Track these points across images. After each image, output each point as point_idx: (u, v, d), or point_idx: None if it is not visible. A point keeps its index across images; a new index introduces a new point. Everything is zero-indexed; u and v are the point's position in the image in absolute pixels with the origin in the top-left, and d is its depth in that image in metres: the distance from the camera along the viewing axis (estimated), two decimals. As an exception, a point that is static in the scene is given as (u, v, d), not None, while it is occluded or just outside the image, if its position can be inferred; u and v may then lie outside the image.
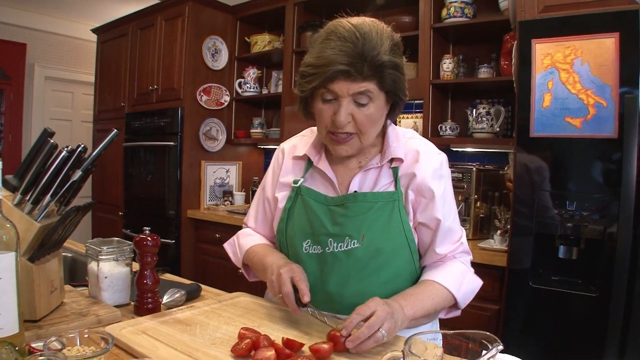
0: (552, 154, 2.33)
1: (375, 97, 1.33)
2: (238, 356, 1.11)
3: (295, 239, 1.50)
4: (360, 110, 1.33)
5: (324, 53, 1.28)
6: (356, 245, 1.42)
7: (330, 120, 1.35)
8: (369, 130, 1.37)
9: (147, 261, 1.45)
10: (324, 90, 1.32)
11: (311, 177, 1.55)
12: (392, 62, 1.31)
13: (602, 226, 2.21)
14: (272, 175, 1.66)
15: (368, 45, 1.26)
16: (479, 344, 0.88)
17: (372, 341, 1.14)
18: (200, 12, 4.52)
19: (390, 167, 1.48)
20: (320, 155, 1.54)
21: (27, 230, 1.23)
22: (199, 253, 4.53)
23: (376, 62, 1.27)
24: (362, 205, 1.43)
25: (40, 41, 6.17)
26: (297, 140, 1.66)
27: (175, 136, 4.48)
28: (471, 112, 3.42)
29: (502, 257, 2.58)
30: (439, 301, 1.39)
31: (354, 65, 1.26)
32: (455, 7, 3.30)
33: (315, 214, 1.47)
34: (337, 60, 1.26)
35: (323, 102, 1.35)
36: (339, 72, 1.26)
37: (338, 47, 1.26)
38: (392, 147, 1.47)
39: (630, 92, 2.12)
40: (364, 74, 1.27)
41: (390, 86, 1.34)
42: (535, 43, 2.33)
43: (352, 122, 1.34)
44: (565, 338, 2.29)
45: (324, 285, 1.45)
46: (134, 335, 1.23)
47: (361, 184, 1.48)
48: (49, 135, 1.31)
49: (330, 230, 1.44)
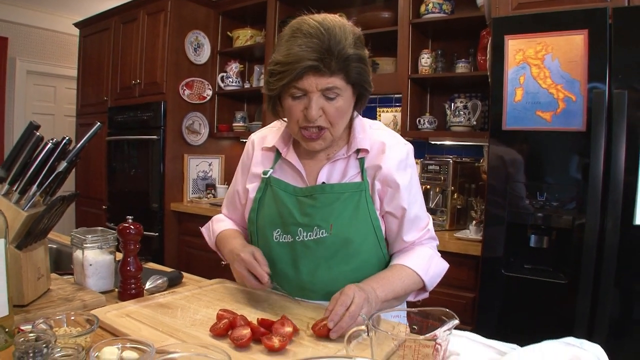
0: (524, 147, 2.40)
1: (343, 91, 1.36)
2: (216, 335, 1.17)
3: (266, 229, 1.54)
4: (330, 104, 1.36)
5: (292, 50, 1.31)
6: (325, 234, 1.46)
7: (301, 116, 1.38)
8: (339, 122, 1.41)
9: (130, 249, 1.51)
10: (293, 87, 1.35)
11: (280, 168, 1.58)
12: (357, 54, 1.35)
13: (571, 216, 2.30)
14: (242, 167, 1.72)
15: (333, 40, 1.30)
16: (438, 320, 0.95)
17: (353, 325, 1.18)
18: (183, 6, 4.55)
19: (357, 158, 1.51)
20: (289, 147, 1.57)
21: (14, 219, 1.28)
22: (182, 245, 4.58)
23: (342, 55, 1.30)
24: (329, 196, 1.47)
25: (21, 35, 6.14)
26: (267, 131, 1.69)
27: (158, 130, 4.52)
28: (449, 106, 3.50)
29: (477, 247, 2.66)
30: (408, 284, 1.45)
31: (323, 61, 1.29)
32: (433, 3, 3.37)
33: (284, 205, 1.51)
34: (306, 57, 1.29)
35: (293, 99, 1.38)
36: (308, 68, 1.30)
37: (305, 43, 1.30)
38: (358, 138, 1.50)
39: (598, 87, 2.20)
40: (332, 69, 1.31)
41: (356, 79, 1.37)
42: (508, 39, 2.40)
43: (323, 116, 1.37)
44: (536, 323, 2.37)
45: (296, 272, 1.51)
46: (118, 317, 1.29)
47: (329, 175, 1.52)
48: (35, 128, 1.36)
49: (299, 220, 1.48)
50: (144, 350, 0.92)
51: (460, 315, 0.96)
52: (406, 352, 0.91)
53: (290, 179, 1.55)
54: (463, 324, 1.05)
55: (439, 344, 0.90)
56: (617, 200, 2.14)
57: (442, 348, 0.91)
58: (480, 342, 1.03)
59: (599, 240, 2.19)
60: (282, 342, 1.09)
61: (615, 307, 2.19)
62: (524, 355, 0.92)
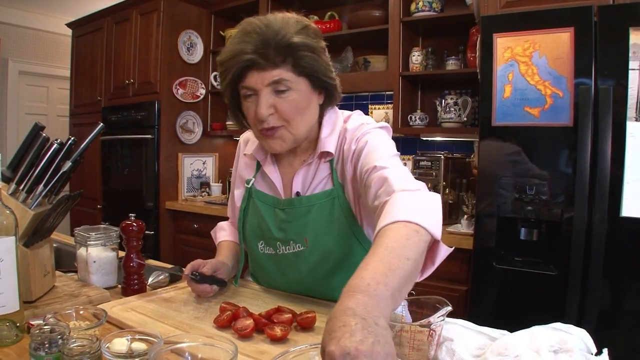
0: (513, 142, 2.45)
1: (294, 83, 1.30)
2: (220, 326, 1.22)
3: (251, 239, 1.56)
4: (282, 99, 1.30)
5: (231, 49, 1.29)
6: (301, 248, 1.43)
7: (254, 117, 1.33)
8: (295, 118, 1.33)
9: (132, 245, 1.55)
10: (242, 87, 1.31)
11: (261, 177, 1.55)
12: (304, 43, 1.28)
13: (559, 209, 2.35)
14: (235, 169, 1.69)
15: (270, 31, 1.25)
16: (433, 308, 1.00)
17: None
18: (176, 6, 4.58)
19: (327, 161, 1.44)
20: (267, 155, 1.52)
21: (21, 217, 1.32)
22: (177, 243, 4.62)
23: (282, 44, 1.25)
24: (300, 210, 1.43)
25: (14, 36, 6.15)
26: (251, 134, 1.61)
27: (152, 129, 4.55)
28: (440, 103, 3.55)
29: (469, 241, 2.71)
30: (409, 247, 0.96)
31: (259, 53, 1.25)
32: (423, 2, 3.42)
33: (263, 218, 1.50)
34: (242, 51, 1.25)
35: (245, 100, 1.34)
36: (246, 62, 1.26)
37: (241, 39, 1.27)
38: (323, 140, 1.42)
39: (584, 83, 2.26)
40: (272, 60, 1.26)
41: (308, 69, 1.31)
42: (497, 37, 2.45)
43: (275, 114, 1.31)
44: (527, 313, 2.40)
45: (285, 281, 1.53)
46: (123, 312, 1.33)
47: (303, 181, 1.46)
48: (40, 129, 1.41)
49: (275, 235, 1.47)
50: (152, 342, 0.97)
51: (453, 307, 0.99)
52: (402, 338, 0.96)
53: (270, 190, 1.52)
54: (456, 316, 1.09)
55: (433, 330, 0.95)
56: (604, 193, 2.20)
57: (436, 334, 0.96)
58: (472, 329, 1.09)
59: (587, 232, 2.26)
60: (284, 331, 1.14)
61: (604, 298, 2.25)
62: (512, 340, 0.97)
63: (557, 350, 0.94)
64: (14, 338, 1.13)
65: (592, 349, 0.97)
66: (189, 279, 1.43)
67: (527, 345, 0.95)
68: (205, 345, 0.95)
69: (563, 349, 0.94)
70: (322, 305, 1.41)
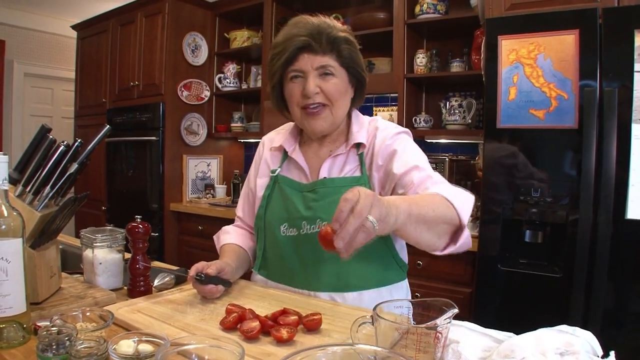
0: (518, 144, 2.46)
1: (337, 71, 1.49)
2: (226, 328, 1.22)
3: (274, 223, 1.62)
4: (327, 81, 1.48)
5: (286, 33, 1.49)
6: None
7: (300, 96, 1.50)
8: (338, 100, 1.52)
9: (139, 247, 1.56)
10: (291, 71, 1.49)
11: (287, 167, 1.69)
12: (347, 38, 1.49)
13: (564, 211, 2.35)
14: (254, 166, 1.81)
15: (324, 24, 1.47)
16: (439, 310, 1.00)
17: (362, 236, 1.00)
18: (180, 8, 4.60)
19: (357, 154, 1.59)
20: (295, 146, 1.67)
21: (28, 219, 1.32)
22: (182, 245, 4.63)
23: (332, 36, 1.46)
24: (330, 190, 1.54)
25: (19, 38, 6.16)
26: (275, 133, 1.80)
27: (157, 131, 4.56)
28: (444, 105, 3.56)
29: (474, 243, 2.70)
30: (437, 206, 1.23)
31: (313, 37, 1.45)
32: (428, 4, 3.43)
33: (290, 200, 1.60)
34: (299, 34, 1.45)
35: (292, 82, 1.51)
36: (302, 43, 1.45)
37: (294, 27, 1.49)
38: (354, 133, 1.59)
39: (589, 86, 2.26)
40: (323, 47, 1.46)
41: (349, 61, 1.50)
42: (502, 39, 2.45)
43: (321, 93, 1.49)
44: (532, 316, 2.42)
45: (303, 265, 1.57)
46: (129, 313, 1.33)
47: (330, 169, 1.60)
48: (47, 131, 1.41)
49: (303, 214, 1.56)
50: (158, 343, 0.97)
51: (458, 310, 1.01)
52: (409, 341, 0.96)
53: (296, 176, 1.65)
54: (460, 319, 1.10)
55: (439, 332, 0.95)
56: (609, 195, 2.20)
57: (442, 336, 0.96)
58: (478, 331, 1.09)
59: (592, 235, 2.25)
60: (290, 333, 1.14)
61: (609, 300, 2.25)
62: (519, 342, 0.97)
63: (563, 352, 0.94)
64: (20, 339, 1.14)
65: (599, 351, 0.97)
66: (194, 280, 1.44)
67: (533, 347, 0.95)
68: (212, 347, 0.95)
69: (569, 351, 0.94)
70: (328, 307, 1.41)
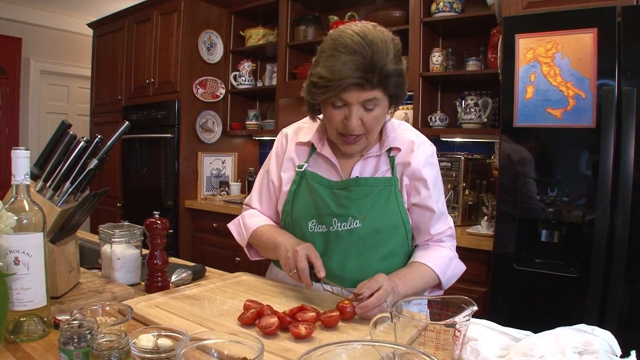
0: (535, 143, 2.44)
1: (381, 101, 1.45)
2: (244, 324, 1.23)
3: (301, 219, 1.63)
4: (369, 113, 1.45)
5: (336, 67, 1.37)
6: (358, 224, 1.56)
7: (341, 124, 1.48)
8: (375, 129, 1.53)
9: (157, 242, 1.57)
10: (335, 98, 1.43)
11: (315, 162, 1.68)
12: (397, 70, 1.43)
13: (581, 211, 2.34)
14: (276, 158, 1.76)
15: (377, 56, 1.36)
16: (458, 307, 1.00)
17: (377, 310, 1.28)
18: (196, 6, 4.61)
19: (389, 156, 1.63)
20: (323, 142, 1.67)
21: (49, 214, 1.33)
22: (196, 242, 4.65)
23: (384, 72, 1.38)
24: (364, 189, 1.57)
25: (35, 35, 6.23)
26: (300, 126, 1.78)
27: (172, 128, 4.59)
28: (460, 104, 3.54)
29: (489, 242, 2.70)
30: (427, 281, 1.58)
31: (366, 78, 1.37)
32: (444, 2, 3.41)
33: (320, 197, 1.60)
34: (350, 75, 1.36)
35: (334, 107, 1.46)
36: (352, 84, 1.38)
37: (350, 60, 1.36)
38: (390, 137, 1.62)
39: (607, 85, 2.24)
40: (373, 84, 1.39)
41: (394, 91, 1.47)
42: (519, 38, 2.44)
43: (361, 125, 1.47)
44: (547, 316, 2.41)
45: (328, 261, 1.56)
46: (148, 308, 1.35)
47: (362, 170, 1.62)
48: (67, 127, 1.43)
49: (335, 211, 1.58)
50: (178, 338, 0.98)
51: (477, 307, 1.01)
52: (427, 338, 0.96)
53: (325, 173, 1.65)
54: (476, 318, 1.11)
55: (458, 330, 0.95)
56: (627, 196, 2.18)
57: (461, 334, 0.96)
58: (496, 329, 1.09)
59: (608, 235, 2.24)
60: (308, 329, 1.15)
61: (625, 301, 2.23)
62: (537, 341, 0.97)
63: (582, 351, 0.94)
64: (40, 333, 1.15)
65: (617, 350, 0.96)
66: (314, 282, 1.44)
67: (552, 346, 0.95)
68: (232, 342, 0.96)
69: (588, 350, 0.94)
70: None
